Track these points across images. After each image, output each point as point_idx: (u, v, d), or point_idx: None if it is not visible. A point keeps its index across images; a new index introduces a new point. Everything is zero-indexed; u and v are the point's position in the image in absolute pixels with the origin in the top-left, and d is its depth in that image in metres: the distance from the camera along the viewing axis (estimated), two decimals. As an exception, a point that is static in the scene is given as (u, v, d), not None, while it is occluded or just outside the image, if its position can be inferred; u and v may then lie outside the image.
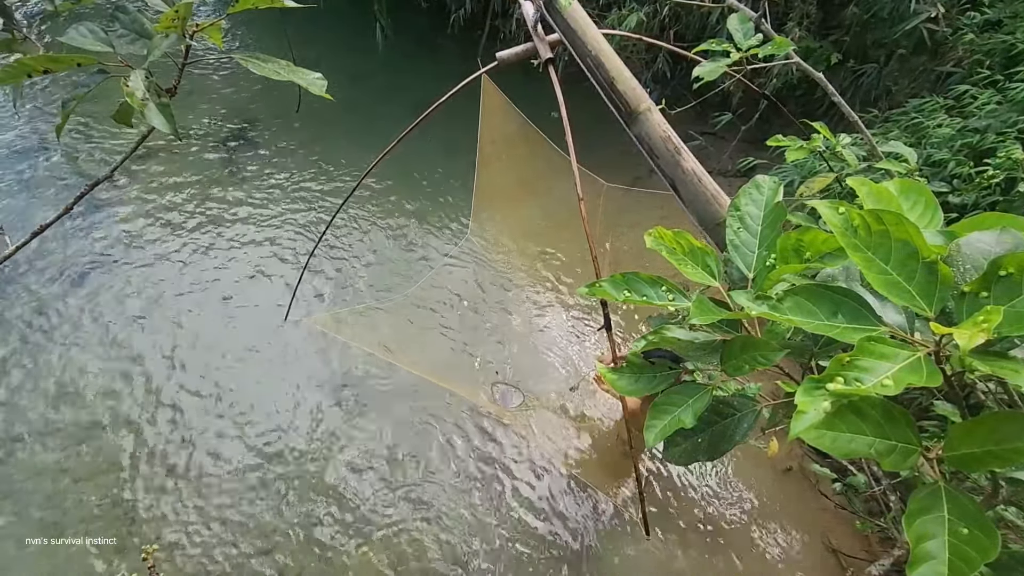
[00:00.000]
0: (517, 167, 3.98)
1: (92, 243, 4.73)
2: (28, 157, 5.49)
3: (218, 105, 6.37)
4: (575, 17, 2.01)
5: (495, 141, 3.52)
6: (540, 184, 4.45)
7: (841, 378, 0.79)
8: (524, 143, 3.59)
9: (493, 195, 4.24)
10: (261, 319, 4.30)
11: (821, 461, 3.46)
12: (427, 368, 4.02)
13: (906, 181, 1.06)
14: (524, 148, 3.67)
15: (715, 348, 1.23)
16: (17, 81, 1.29)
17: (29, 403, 3.69)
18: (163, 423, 3.66)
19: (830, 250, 1.07)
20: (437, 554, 3.20)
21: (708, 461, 2.12)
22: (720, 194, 1.79)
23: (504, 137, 3.52)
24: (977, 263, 0.89)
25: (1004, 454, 0.78)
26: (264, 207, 5.24)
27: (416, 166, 5.67)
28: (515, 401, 3.91)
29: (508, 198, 4.50)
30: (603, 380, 1.77)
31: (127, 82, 1.31)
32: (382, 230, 5.16)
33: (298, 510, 3.33)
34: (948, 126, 3.73)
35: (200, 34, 1.39)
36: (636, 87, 1.93)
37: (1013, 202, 3.10)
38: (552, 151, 3.56)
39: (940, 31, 4.47)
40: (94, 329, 4.13)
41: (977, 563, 0.73)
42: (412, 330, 4.32)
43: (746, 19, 2.17)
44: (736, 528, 3.36)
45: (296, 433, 3.67)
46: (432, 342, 4.25)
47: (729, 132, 5.55)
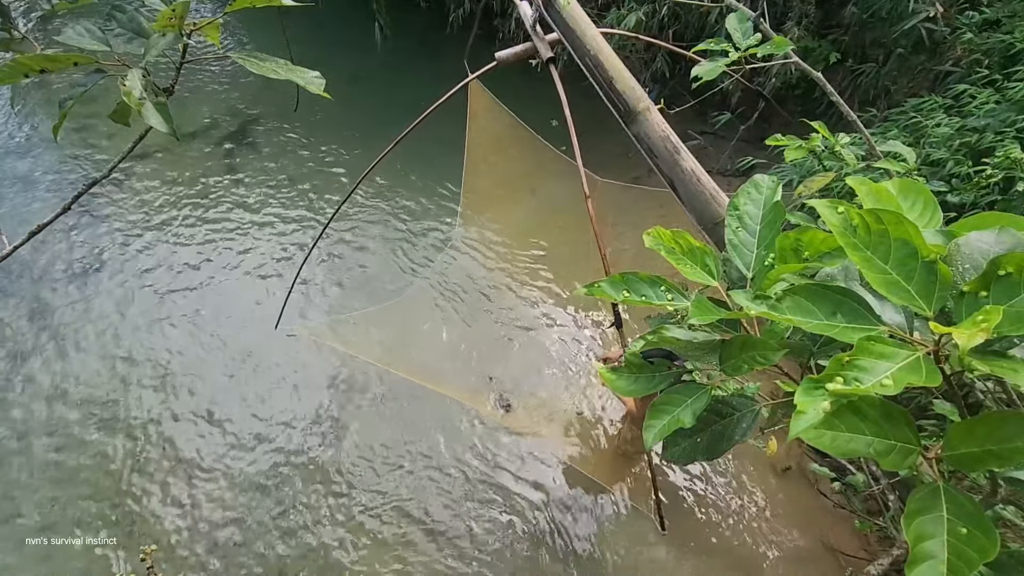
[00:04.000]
0: (507, 167, 3.98)
1: (89, 243, 4.72)
2: (26, 157, 5.48)
3: (216, 104, 6.36)
4: (574, 16, 2.01)
5: (484, 143, 3.52)
6: (528, 183, 4.44)
7: (840, 378, 0.79)
8: (515, 143, 3.59)
9: (482, 195, 4.23)
10: (258, 321, 4.29)
11: (820, 460, 3.46)
12: (421, 372, 4.01)
13: (905, 180, 1.06)
14: (515, 149, 3.67)
15: (714, 348, 1.22)
16: (15, 80, 1.28)
17: (28, 402, 3.69)
18: (162, 422, 3.66)
19: (829, 249, 1.07)
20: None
21: (707, 461, 2.12)
22: (719, 193, 1.79)
23: (494, 138, 3.52)
24: (976, 263, 0.89)
25: (1003, 453, 0.78)
26: (262, 207, 5.23)
27: (411, 165, 5.65)
28: (512, 404, 3.91)
29: (497, 198, 4.49)
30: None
31: (124, 81, 1.31)
32: (376, 229, 5.14)
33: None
34: (947, 125, 3.73)
35: (198, 33, 1.38)
36: (635, 87, 1.93)
37: (1012, 201, 3.10)
38: (543, 150, 3.56)
39: (939, 30, 4.46)
40: (92, 328, 4.13)
41: (976, 562, 0.73)
42: (404, 334, 4.29)
43: (745, 18, 2.16)
44: (735, 527, 3.37)
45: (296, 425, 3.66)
46: (425, 345, 4.23)
47: (728, 131, 5.55)
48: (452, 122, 3.72)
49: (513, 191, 4.59)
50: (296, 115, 6.20)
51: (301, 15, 6.14)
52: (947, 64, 4.52)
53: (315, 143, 5.97)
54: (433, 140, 5.62)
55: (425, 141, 5.63)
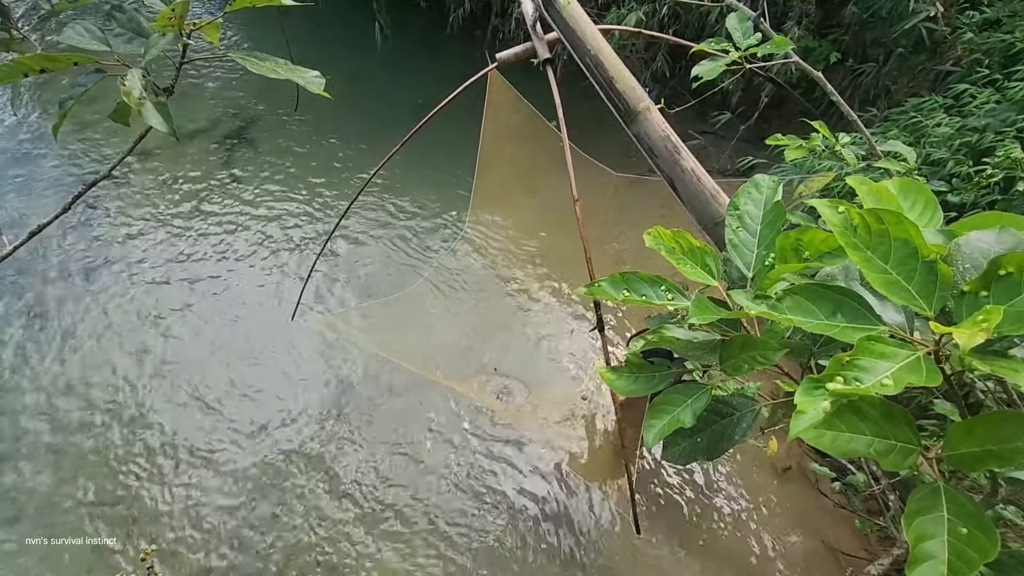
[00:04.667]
0: (521, 162, 3.96)
1: (90, 242, 4.72)
2: (25, 156, 5.48)
3: (216, 104, 6.36)
4: (574, 16, 2.01)
5: (499, 137, 3.50)
6: (544, 178, 4.43)
7: (841, 377, 0.79)
8: (530, 138, 3.57)
9: (494, 190, 4.22)
10: (261, 318, 4.29)
11: (820, 460, 3.46)
12: (426, 365, 4.02)
13: (905, 180, 1.06)
14: (530, 143, 3.65)
15: (714, 347, 1.22)
16: (14, 80, 1.28)
17: (27, 402, 3.69)
18: (159, 414, 3.66)
19: (829, 249, 1.07)
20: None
21: (707, 461, 2.12)
22: (719, 193, 1.79)
23: (509, 132, 3.49)
24: (976, 262, 0.88)
25: (1003, 453, 0.78)
26: (262, 206, 5.23)
27: (415, 164, 5.66)
28: (517, 397, 3.92)
29: (510, 192, 4.48)
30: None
31: (124, 81, 1.31)
32: (381, 228, 5.15)
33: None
34: (947, 125, 3.73)
35: (197, 33, 1.38)
36: (635, 86, 1.93)
37: (1012, 201, 3.10)
38: (557, 146, 3.55)
39: (939, 30, 4.46)
40: (92, 329, 4.13)
41: (977, 563, 0.73)
42: (411, 328, 4.31)
43: (745, 18, 2.16)
44: (735, 527, 3.36)
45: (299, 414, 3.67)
46: (430, 339, 4.25)
47: (728, 131, 5.55)
48: (452, 123, 3.71)
49: (529, 184, 4.57)
50: (296, 115, 6.20)
51: (301, 15, 6.14)
52: (947, 64, 4.52)
53: (315, 143, 5.97)
54: (432, 142, 5.62)
55: (427, 141, 5.64)
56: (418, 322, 4.36)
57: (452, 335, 4.29)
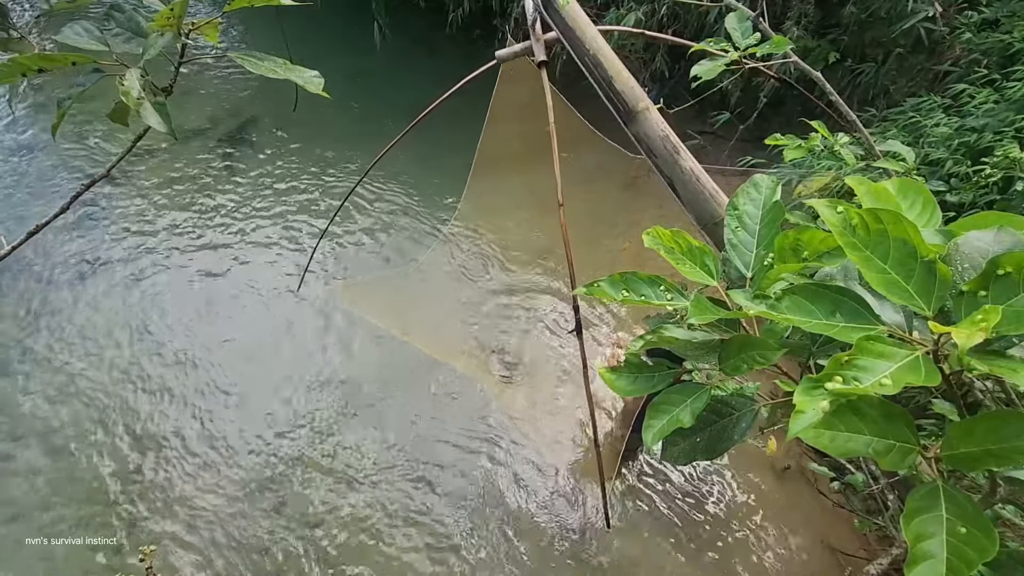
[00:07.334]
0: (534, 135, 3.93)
1: (89, 242, 4.71)
2: (24, 156, 5.47)
3: (215, 104, 6.35)
4: (573, 16, 2.00)
5: (510, 113, 3.43)
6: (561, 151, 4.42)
7: (840, 377, 0.79)
8: (543, 115, 3.53)
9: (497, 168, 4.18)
10: (261, 314, 4.30)
11: (819, 460, 3.46)
12: (428, 341, 4.05)
13: (904, 180, 1.06)
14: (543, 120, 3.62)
15: (713, 347, 1.22)
16: (12, 80, 1.28)
17: (28, 401, 3.68)
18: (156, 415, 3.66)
19: (828, 249, 1.06)
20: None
21: (707, 461, 2.12)
22: (718, 193, 1.78)
23: (520, 107, 3.42)
24: (975, 262, 0.88)
25: (1002, 453, 0.78)
26: (262, 206, 5.23)
27: (408, 166, 5.66)
28: (514, 373, 3.98)
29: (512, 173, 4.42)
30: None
31: (123, 81, 1.31)
32: (375, 224, 5.16)
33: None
34: (946, 125, 3.73)
35: (196, 32, 1.38)
36: (634, 86, 1.92)
37: (1011, 201, 3.10)
38: (579, 126, 3.51)
39: (938, 30, 4.46)
40: (90, 329, 4.12)
41: (975, 562, 0.73)
42: (409, 306, 4.35)
43: (744, 18, 2.16)
44: (734, 526, 3.37)
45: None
46: (430, 319, 4.27)
47: (727, 131, 5.55)
48: (450, 125, 3.71)
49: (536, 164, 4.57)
50: (295, 114, 6.19)
51: (300, 15, 6.14)
52: (946, 64, 4.52)
53: (314, 142, 5.97)
54: (431, 143, 5.62)
55: (423, 142, 5.64)
56: (417, 300, 4.41)
57: (452, 312, 4.35)
